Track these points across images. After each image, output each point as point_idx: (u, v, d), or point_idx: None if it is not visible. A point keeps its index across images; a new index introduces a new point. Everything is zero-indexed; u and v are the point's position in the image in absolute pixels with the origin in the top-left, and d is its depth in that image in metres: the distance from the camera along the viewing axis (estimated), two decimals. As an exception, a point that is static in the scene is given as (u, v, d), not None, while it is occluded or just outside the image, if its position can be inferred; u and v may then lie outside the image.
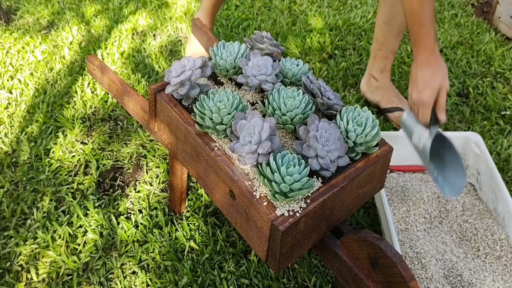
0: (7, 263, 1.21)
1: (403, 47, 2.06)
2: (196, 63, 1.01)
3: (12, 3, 2.32)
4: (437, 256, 1.19)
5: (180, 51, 1.99)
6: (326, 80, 1.86)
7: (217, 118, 0.92)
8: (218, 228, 1.31)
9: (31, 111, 1.66)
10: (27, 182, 1.41)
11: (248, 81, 1.01)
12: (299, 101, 0.96)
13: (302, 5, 2.35)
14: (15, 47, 2.00)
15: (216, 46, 1.09)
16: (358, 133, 0.93)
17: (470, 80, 1.89)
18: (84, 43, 2.04)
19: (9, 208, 1.33)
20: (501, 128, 1.68)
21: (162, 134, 1.12)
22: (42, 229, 1.28)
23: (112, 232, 1.29)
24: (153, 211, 1.34)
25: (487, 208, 1.34)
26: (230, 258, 1.24)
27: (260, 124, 0.88)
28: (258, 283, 1.18)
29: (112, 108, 1.68)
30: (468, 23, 2.26)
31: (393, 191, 1.36)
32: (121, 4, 2.32)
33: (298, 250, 0.91)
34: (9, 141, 1.54)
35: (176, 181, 1.24)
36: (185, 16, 2.25)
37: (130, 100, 1.21)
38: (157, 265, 1.22)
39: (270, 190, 0.85)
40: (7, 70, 1.86)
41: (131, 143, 1.55)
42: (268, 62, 1.03)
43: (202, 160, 0.98)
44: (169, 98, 1.04)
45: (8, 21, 2.19)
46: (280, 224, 0.82)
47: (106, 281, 1.18)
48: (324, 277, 1.20)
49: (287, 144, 0.97)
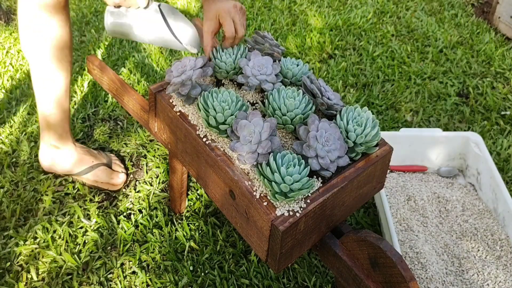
0: (7, 263, 1.21)
1: (403, 47, 2.07)
2: (197, 63, 1.01)
3: (12, 3, 2.32)
4: (437, 256, 1.19)
5: (180, 51, 2.00)
6: (326, 80, 1.86)
7: (220, 118, 0.93)
8: (218, 228, 1.31)
9: (31, 111, 1.66)
10: (27, 182, 1.41)
11: (248, 81, 1.01)
12: (299, 101, 0.96)
13: (302, 5, 2.35)
14: (15, 47, 2.00)
15: (215, 49, 1.09)
16: (358, 133, 0.93)
17: (470, 80, 1.89)
18: (84, 43, 2.04)
19: (9, 208, 1.33)
20: (501, 128, 1.68)
21: (162, 134, 1.12)
22: (42, 229, 1.28)
23: (112, 232, 1.29)
24: (153, 211, 1.34)
25: (487, 208, 1.34)
26: (230, 258, 1.24)
27: (260, 124, 0.88)
28: (258, 283, 1.18)
29: (112, 108, 1.68)
30: (468, 23, 2.26)
31: (393, 191, 1.36)
32: (121, 4, 2.32)
33: (298, 250, 0.91)
34: (9, 141, 1.54)
35: (176, 181, 1.24)
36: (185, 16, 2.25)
37: (130, 100, 1.22)
38: (157, 265, 1.22)
39: (270, 190, 0.85)
40: (7, 70, 1.86)
41: (131, 143, 1.55)
42: (268, 62, 1.03)
43: (202, 160, 0.98)
44: (169, 98, 1.05)
45: (8, 21, 2.19)
46: (280, 224, 0.82)
47: (106, 281, 1.18)
48: (324, 277, 1.20)
49: (287, 144, 0.97)
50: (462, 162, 1.46)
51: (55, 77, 1.23)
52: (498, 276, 1.15)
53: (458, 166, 1.48)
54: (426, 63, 1.98)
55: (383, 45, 2.08)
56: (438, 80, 1.89)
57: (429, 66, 1.96)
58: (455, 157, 1.47)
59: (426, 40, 2.13)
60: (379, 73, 1.91)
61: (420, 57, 2.02)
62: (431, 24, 2.23)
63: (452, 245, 1.23)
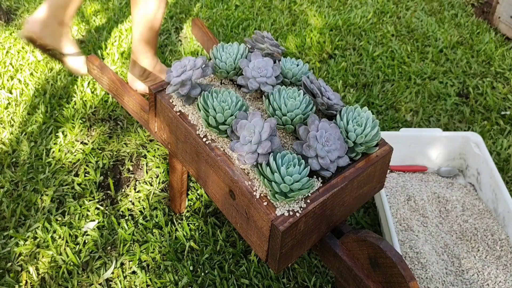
0: (7, 263, 1.21)
1: (403, 47, 2.07)
2: (197, 63, 1.01)
3: (12, 3, 2.32)
4: (437, 256, 1.19)
5: (180, 51, 1.99)
6: (326, 80, 1.86)
7: (220, 118, 0.93)
8: (218, 228, 1.31)
9: (31, 111, 1.66)
10: (27, 182, 1.41)
11: (248, 83, 1.01)
12: (299, 102, 0.96)
13: (302, 5, 2.35)
14: (15, 47, 2.00)
15: (215, 49, 1.09)
16: (358, 133, 0.93)
17: (470, 80, 1.89)
18: (84, 43, 2.04)
19: (9, 208, 1.33)
20: (501, 128, 1.68)
21: (162, 134, 1.12)
22: (42, 229, 1.28)
23: (112, 232, 1.29)
24: (153, 211, 1.34)
25: (487, 208, 1.34)
26: (230, 258, 1.24)
27: (260, 124, 0.88)
28: (258, 283, 1.18)
29: (112, 108, 1.68)
30: (468, 23, 2.26)
31: (393, 191, 1.36)
32: (121, 3, 2.32)
33: (298, 250, 0.91)
34: (9, 141, 1.54)
35: (176, 181, 1.24)
36: (185, 16, 2.25)
37: (130, 100, 1.21)
38: (157, 265, 1.22)
39: (270, 190, 0.85)
40: (7, 70, 1.86)
41: (131, 143, 1.55)
42: (268, 64, 1.03)
43: (202, 160, 0.98)
44: (169, 98, 1.05)
45: (8, 21, 2.19)
46: (280, 224, 0.82)
47: (106, 280, 1.18)
48: (324, 277, 1.20)
49: (287, 144, 0.97)
50: (462, 162, 1.46)
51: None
52: (498, 276, 1.15)
53: (458, 166, 1.48)
54: (426, 63, 1.98)
55: (383, 45, 2.08)
56: (438, 80, 1.89)
57: (429, 66, 1.96)
58: (455, 157, 1.47)
59: (426, 40, 2.13)
60: (379, 73, 1.91)
61: (420, 57, 2.02)
62: (431, 24, 2.23)
63: (452, 245, 1.23)
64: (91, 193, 1.39)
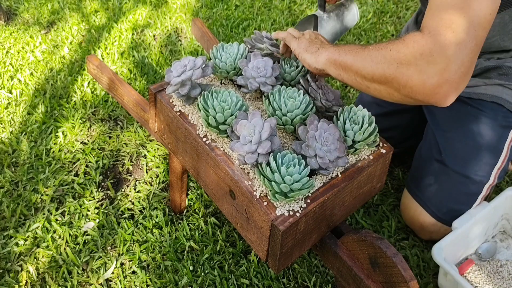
0: (7, 263, 1.21)
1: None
2: (197, 63, 1.01)
3: (12, 3, 2.32)
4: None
5: (180, 51, 2.00)
6: (326, 80, 1.86)
7: (220, 118, 0.93)
8: (218, 228, 1.31)
9: (31, 111, 1.66)
10: (27, 182, 1.41)
11: (248, 83, 1.01)
12: (299, 102, 0.96)
13: (302, 5, 2.35)
14: (15, 47, 2.00)
15: (215, 49, 1.09)
16: (356, 130, 0.93)
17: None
18: (84, 43, 2.04)
19: (9, 208, 1.33)
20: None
21: (162, 134, 1.12)
22: (42, 229, 1.28)
23: (112, 231, 1.29)
24: (153, 211, 1.34)
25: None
26: (230, 258, 1.24)
27: (260, 124, 0.88)
28: (258, 283, 1.18)
29: (112, 108, 1.68)
30: (468, 23, 2.25)
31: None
32: (121, 3, 2.32)
33: (298, 250, 0.91)
34: (9, 141, 1.54)
35: (176, 181, 1.24)
36: (185, 16, 2.25)
37: (130, 100, 1.22)
38: (157, 265, 1.22)
39: (270, 190, 0.85)
40: (7, 70, 1.86)
41: (131, 143, 1.55)
42: (268, 64, 1.03)
43: (202, 160, 0.98)
44: (169, 98, 1.05)
45: (8, 21, 2.19)
46: (280, 224, 0.83)
47: (106, 280, 1.18)
48: (324, 277, 1.20)
49: (287, 145, 0.97)
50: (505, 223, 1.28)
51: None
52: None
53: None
54: (426, 63, 1.98)
55: (383, 45, 2.08)
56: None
57: (429, 66, 1.96)
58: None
59: (426, 40, 2.13)
60: (379, 73, 1.91)
61: (420, 57, 2.02)
62: (431, 24, 2.23)
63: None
64: (91, 193, 1.39)
